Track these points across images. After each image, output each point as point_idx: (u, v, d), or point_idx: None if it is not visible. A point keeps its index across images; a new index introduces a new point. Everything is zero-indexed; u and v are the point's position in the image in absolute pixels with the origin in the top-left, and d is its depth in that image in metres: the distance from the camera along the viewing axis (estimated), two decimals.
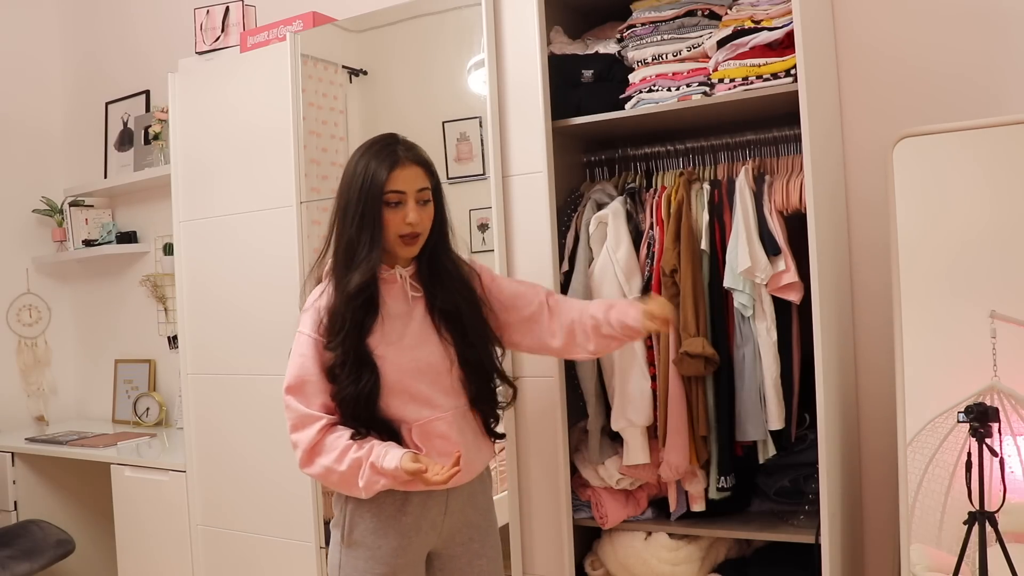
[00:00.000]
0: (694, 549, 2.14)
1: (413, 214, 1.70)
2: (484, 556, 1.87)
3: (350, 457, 1.65)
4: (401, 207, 1.70)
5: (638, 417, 2.09)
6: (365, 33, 2.62)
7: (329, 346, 1.70)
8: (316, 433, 1.68)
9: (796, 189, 2.01)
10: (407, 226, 1.71)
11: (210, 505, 2.79)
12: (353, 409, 1.70)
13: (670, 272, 2.05)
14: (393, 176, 1.69)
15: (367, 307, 1.71)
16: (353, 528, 1.75)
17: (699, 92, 2.06)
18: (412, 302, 1.78)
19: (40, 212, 3.93)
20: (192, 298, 2.82)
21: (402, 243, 1.73)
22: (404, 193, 1.70)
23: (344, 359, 1.69)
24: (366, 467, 1.64)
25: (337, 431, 1.69)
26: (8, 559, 2.90)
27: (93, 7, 4.03)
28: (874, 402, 2.29)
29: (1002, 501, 1.73)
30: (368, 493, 1.66)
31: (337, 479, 1.68)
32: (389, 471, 1.62)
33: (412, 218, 1.70)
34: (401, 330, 1.75)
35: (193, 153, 2.79)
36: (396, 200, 1.70)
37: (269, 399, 2.59)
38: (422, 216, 1.73)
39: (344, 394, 1.69)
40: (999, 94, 2.15)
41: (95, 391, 4.02)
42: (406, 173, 1.70)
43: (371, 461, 1.64)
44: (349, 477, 1.65)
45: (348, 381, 1.68)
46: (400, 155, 1.71)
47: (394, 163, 1.70)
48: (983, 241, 1.90)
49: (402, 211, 1.70)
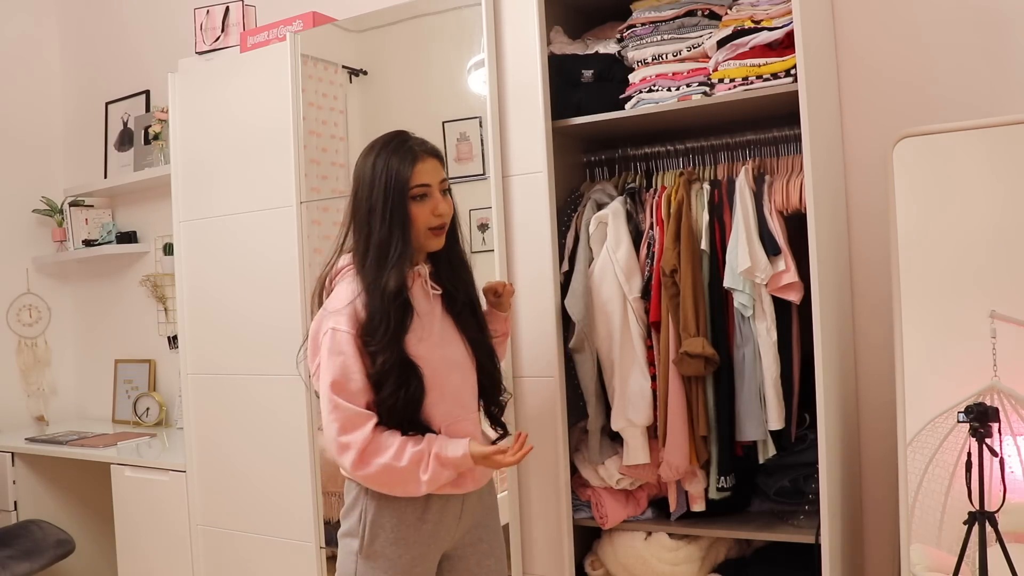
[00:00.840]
0: (694, 549, 2.14)
1: (442, 204, 1.72)
2: (492, 556, 1.86)
3: (410, 451, 1.62)
4: (428, 199, 1.71)
5: (638, 417, 2.09)
6: (365, 33, 2.62)
7: (371, 347, 1.64)
8: (370, 432, 1.63)
9: (796, 189, 2.01)
10: (436, 217, 1.72)
11: (210, 505, 2.79)
12: (398, 414, 1.65)
13: (670, 272, 2.05)
14: (417, 170, 1.69)
15: (405, 306, 1.69)
16: (374, 539, 1.71)
17: (699, 92, 2.06)
18: (433, 299, 1.78)
19: (40, 212, 3.93)
20: (192, 298, 2.82)
21: (432, 235, 1.73)
22: (429, 186, 1.71)
23: (391, 363, 1.63)
24: (430, 459, 1.62)
25: (387, 429, 1.65)
26: (8, 559, 2.90)
27: (93, 7, 4.02)
28: (874, 402, 2.29)
29: (1002, 501, 1.72)
30: (430, 487, 1.64)
31: (397, 477, 1.63)
32: (456, 459, 1.61)
33: (442, 208, 1.72)
34: (429, 328, 1.73)
35: (193, 153, 2.79)
36: (422, 193, 1.70)
37: (269, 399, 2.60)
38: (449, 206, 1.75)
39: (391, 400, 1.64)
40: (999, 94, 2.15)
41: (95, 391, 4.02)
42: (427, 166, 1.71)
43: (435, 452, 1.62)
44: (409, 473, 1.62)
45: (396, 386, 1.64)
46: (418, 149, 1.72)
47: (415, 158, 1.70)
48: (983, 241, 1.90)
49: (430, 203, 1.71)
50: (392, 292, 1.65)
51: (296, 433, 2.54)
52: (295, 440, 2.54)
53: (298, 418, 2.53)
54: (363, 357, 1.65)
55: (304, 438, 2.52)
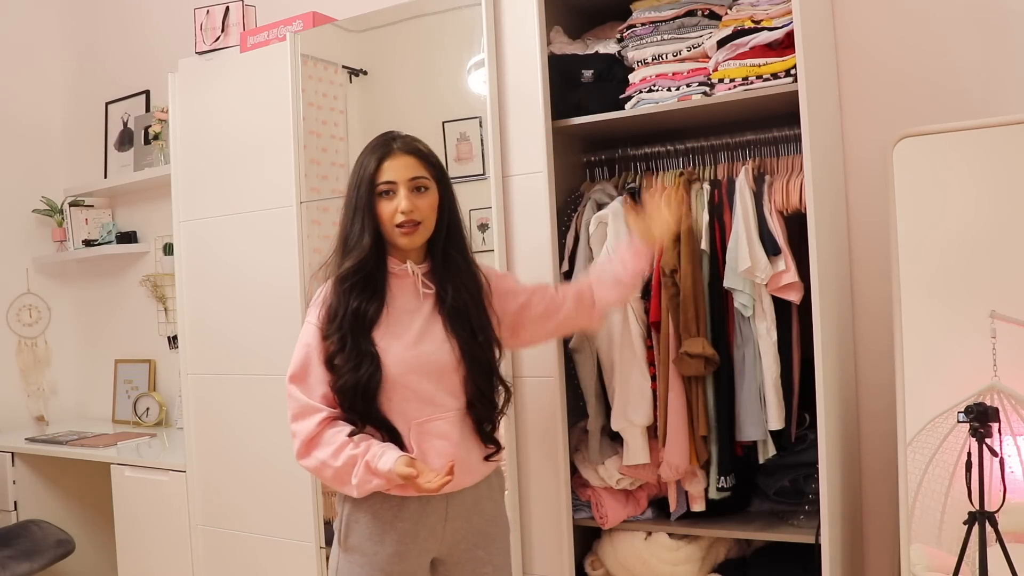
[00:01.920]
0: (694, 549, 2.14)
1: (404, 202, 1.71)
2: (490, 564, 1.83)
3: (346, 453, 1.64)
4: (393, 196, 1.72)
5: (638, 417, 2.09)
6: (365, 33, 2.62)
7: (327, 334, 1.71)
8: (316, 425, 1.68)
9: (796, 189, 2.01)
10: (400, 215, 1.71)
11: (210, 505, 2.79)
12: (352, 400, 1.68)
13: (670, 272, 2.05)
14: (383, 167, 1.72)
15: (365, 295, 1.71)
16: (349, 533, 1.74)
17: (699, 92, 2.06)
18: (423, 298, 1.77)
19: (40, 212, 3.93)
20: (192, 298, 2.82)
21: (400, 233, 1.73)
22: (394, 183, 1.72)
23: (341, 346, 1.69)
24: (361, 465, 1.63)
25: (337, 426, 1.68)
26: (8, 559, 2.90)
27: (93, 7, 4.02)
28: (874, 402, 2.29)
29: (1002, 501, 1.73)
30: (360, 492, 1.65)
31: (331, 474, 1.67)
32: (383, 472, 1.61)
33: (403, 206, 1.71)
34: (408, 324, 1.74)
35: (193, 153, 2.79)
36: (387, 190, 1.72)
37: (269, 399, 2.59)
38: (417, 204, 1.73)
39: (342, 382, 1.68)
40: (999, 94, 2.15)
41: (95, 391, 4.02)
42: (396, 163, 1.73)
43: (366, 460, 1.63)
44: (343, 474, 1.65)
45: (347, 369, 1.68)
46: (393, 147, 1.74)
47: (385, 155, 1.73)
48: (983, 241, 1.90)
49: (394, 201, 1.72)
50: (341, 276, 1.72)
51: None
52: None
53: None
54: (324, 345, 1.71)
55: None
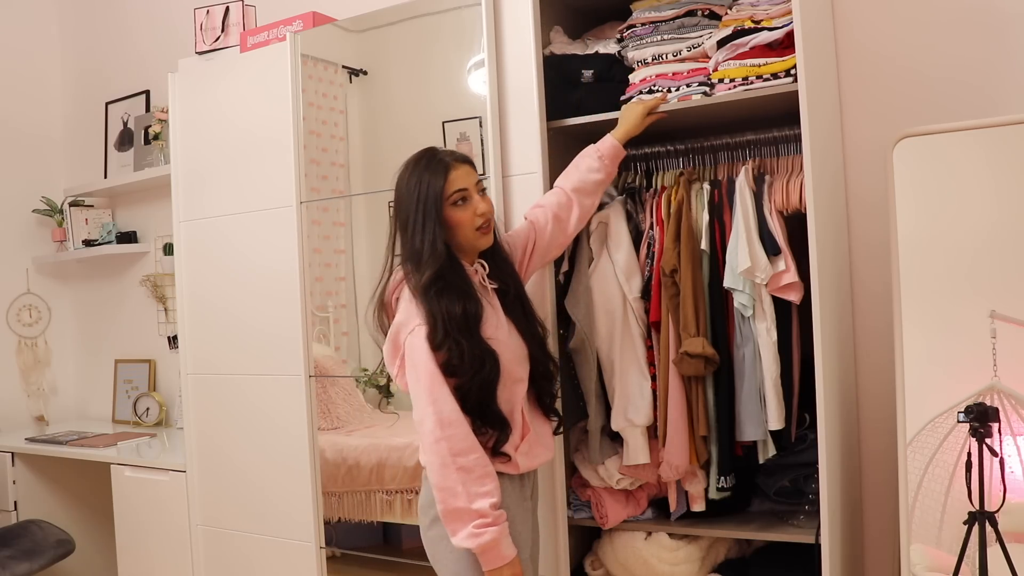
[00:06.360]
0: (694, 549, 2.14)
1: (483, 204, 1.84)
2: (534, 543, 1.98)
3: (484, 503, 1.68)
4: (469, 203, 1.82)
5: (638, 417, 2.09)
6: (365, 33, 2.62)
7: (436, 345, 1.73)
8: (477, 455, 1.71)
9: (796, 189, 2.01)
10: (480, 217, 1.83)
11: (210, 505, 2.79)
12: (476, 398, 1.74)
13: (670, 272, 2.05)
14: (451, 178, 1.80)
15: (462, 298, 1.76)
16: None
17: (699, 92, 2.06)
18: (492, 294, 1.88)
19: (40, 212, 3.93)
20: (192, 298, 2.82)
21: (480, 234, 1.85)
22: (466, 189, 1.82)
23: (459, 351, 1.73)
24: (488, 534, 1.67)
25: (488, 467, 1.73)
26: (8, 559, 2.90)
27: (93, 7, 4.03)
28: (874, 402, 2.29)
29: (1002, 501, 1.73)
30: (458, 542, 1.70)
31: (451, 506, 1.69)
32: (507, 556, 1.69)
33: (482, 208, 1.83)
34: (496, 320, 1.84)
35: (193, 153, 2.79)
36: (461, 197, 1.81)
37: (269, 399, 2.60)
38: (489, 204, 1.86)
39: (468, 384, 1.74)
40: (999, 94, 2.15)
41: (95, 391, 4.02)
42: (460, 172, 1.83)
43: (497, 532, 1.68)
44: (464, 516, 1.68)
45: (471, 371, 1.73)
46: (448, 160, 1.83)
47: (447, 167, 1.81)
48: (983, 241, 1.90)
49: (471, 205, 1.82)
50: (425, 284, 1.75)
51: (296, 433, 2.54)
52: (295, 440, 2.54)
53: (298, 418, 2.53)
54: (436, 354, 1.74)
55: (304, 438, 2.52)
